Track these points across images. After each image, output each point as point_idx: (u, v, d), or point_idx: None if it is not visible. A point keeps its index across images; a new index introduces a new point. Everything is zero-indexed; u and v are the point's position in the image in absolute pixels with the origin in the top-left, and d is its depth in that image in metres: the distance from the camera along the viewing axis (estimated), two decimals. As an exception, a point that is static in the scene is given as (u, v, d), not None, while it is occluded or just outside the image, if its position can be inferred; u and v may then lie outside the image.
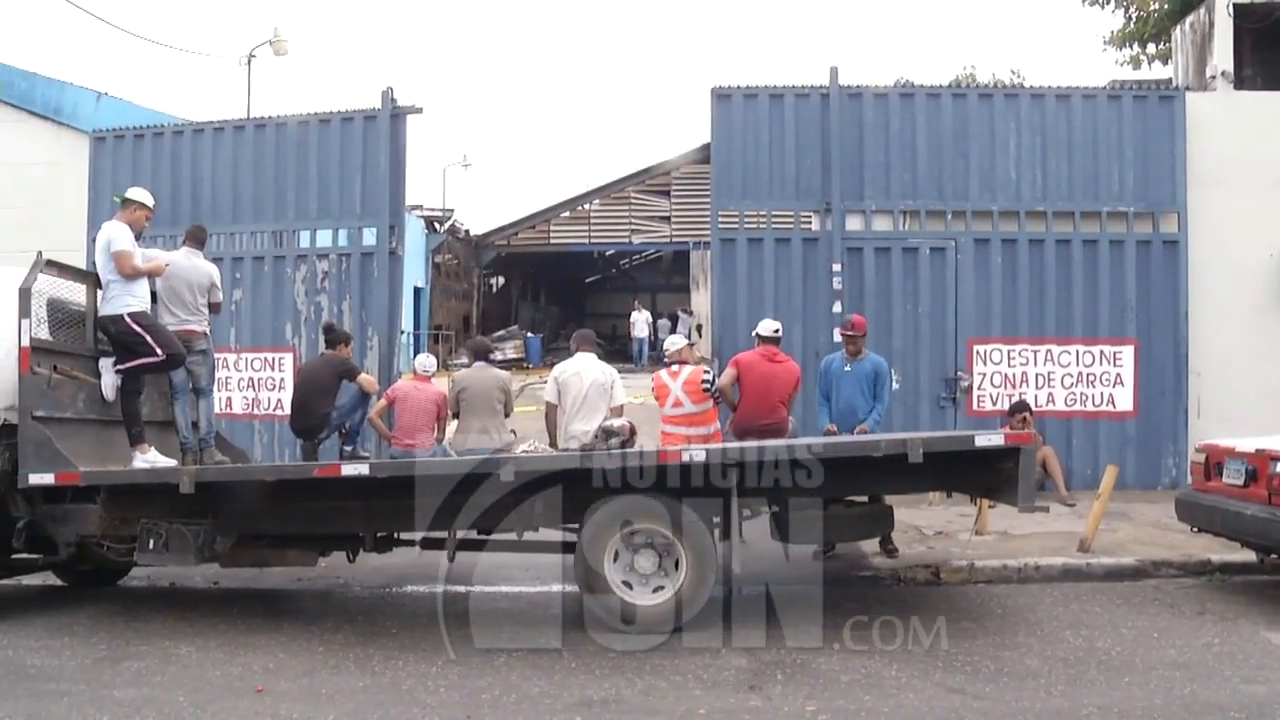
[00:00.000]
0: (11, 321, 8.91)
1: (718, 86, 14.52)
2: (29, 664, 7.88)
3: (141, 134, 16.16)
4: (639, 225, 37.23)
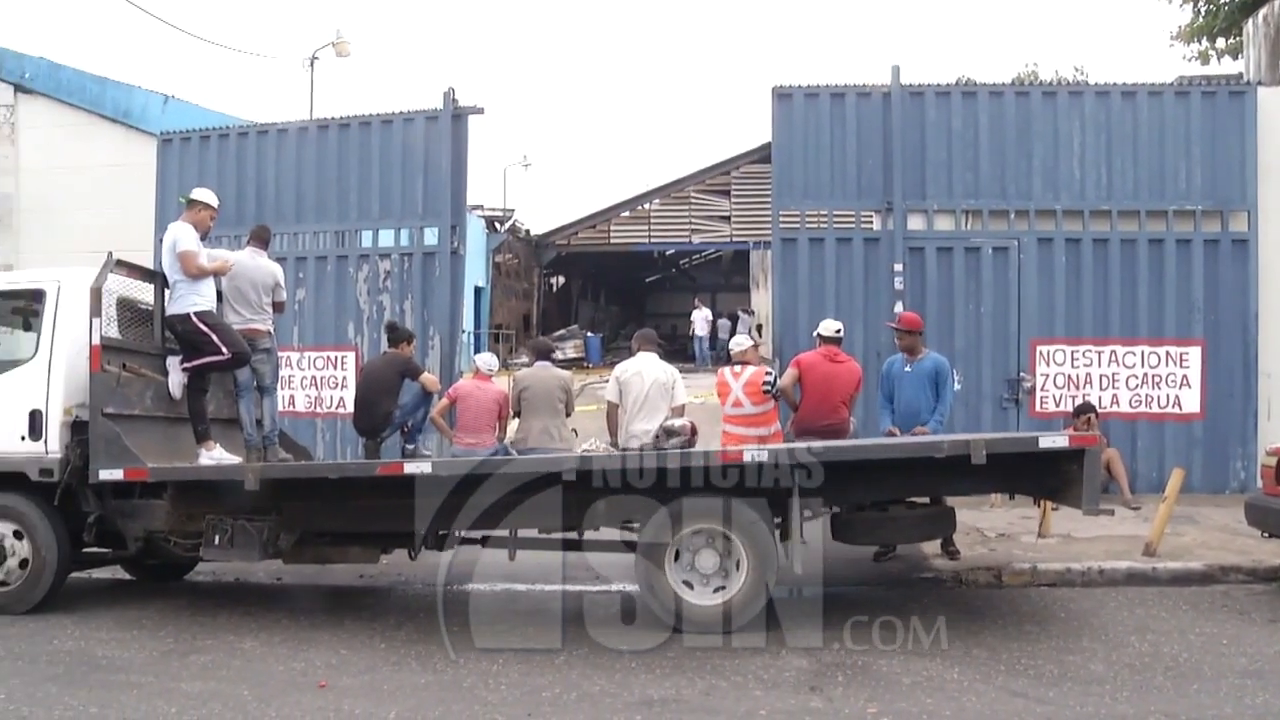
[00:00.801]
0: (83, 320, 9.08)
1: (779, 86, 14.47)
2: (99, 655, 8.03)
3: (207, 136, 16.36)
4: (699, 225, 37.19)
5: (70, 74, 22.04)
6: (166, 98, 21.31)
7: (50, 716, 6.59)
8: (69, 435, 9.30)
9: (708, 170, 37.00)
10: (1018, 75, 34.64)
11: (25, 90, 22.02)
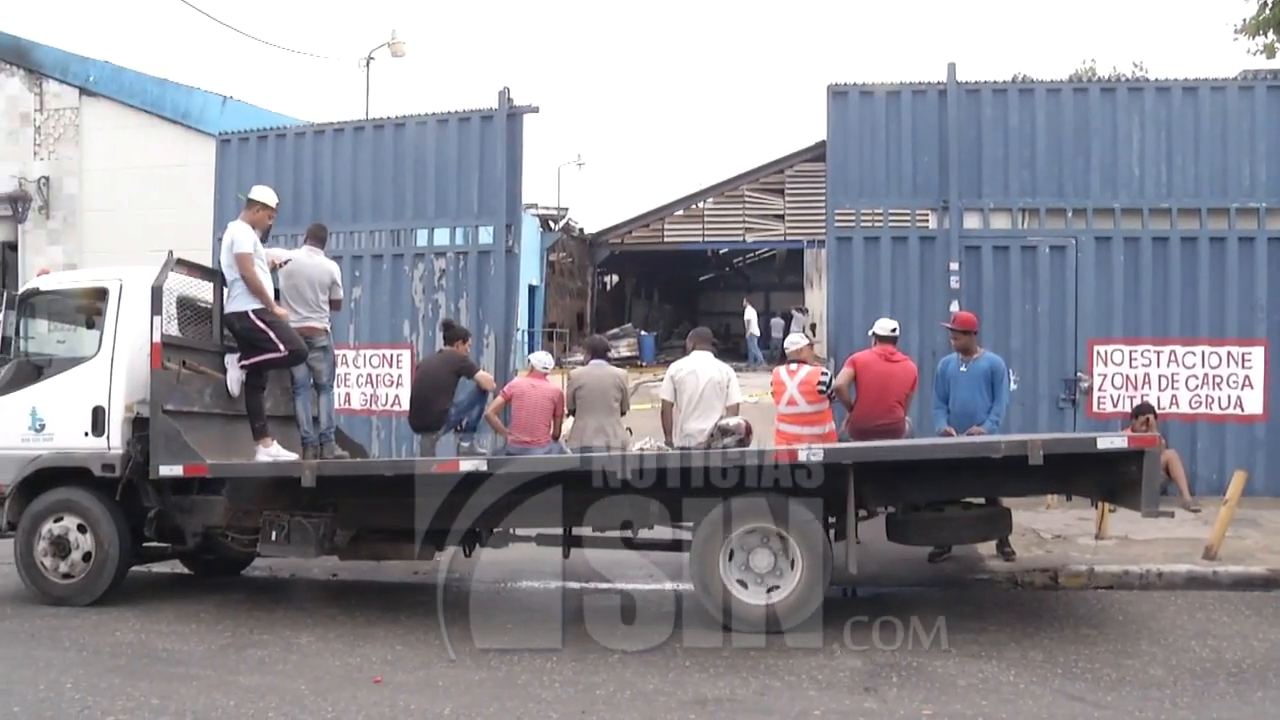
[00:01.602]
0: (144, 318, 9.21)
1: (834, 84, 14.38)
2: (159, 648, 8.15)
3: (265, 136, 16.50)
4: (753, 223, 37.08)
5: (132, 76, 22.42)
6: (225, 99, 21.60)
7: (113, 707, 6.69)
8: (130, 431, 9.47)
9: (762, 169, 36.89)
10: (1075, 72, 34.22)
11: (89, 93, 22.45)
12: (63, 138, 22.71)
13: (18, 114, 23.01)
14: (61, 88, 22.74)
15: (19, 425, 9.73)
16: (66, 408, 9.64)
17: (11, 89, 23.07)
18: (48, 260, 21.37)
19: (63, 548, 9.49)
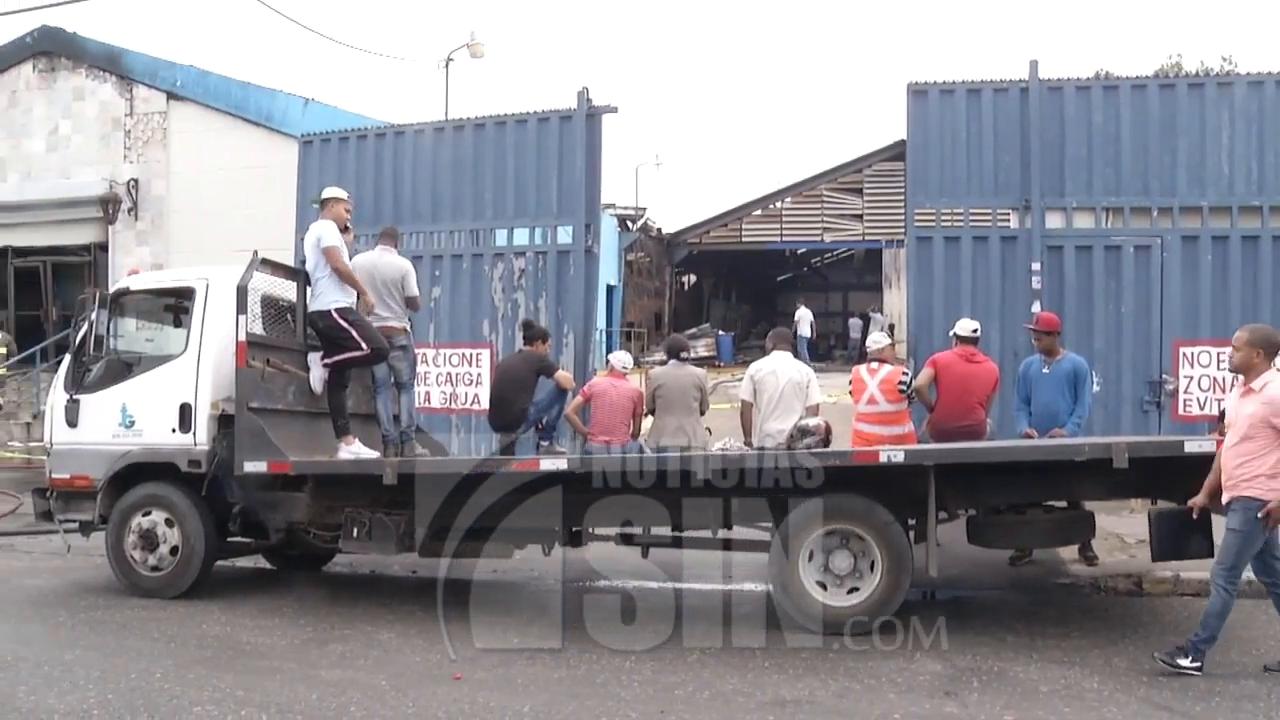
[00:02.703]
0: (229, 317, 9.36)
1: (914, 82, 14.24)
2: (244, 640, 8.30)
3: (346, 137, 16.67)
4: (831, 223, 36.89)
5: (217, 80, 22.74)
6: (306, 101, 21.83)
7: (200, 697, 6.82)
8: (216, 428, 9.64)
9: (840, 168, 36.70)
10: (1161, 67, 33.70)
11: (177, 97, 22.80)
12: (151, 141, 23.09)
13: (109, 119, 23.45)
14: (150, 92, 23.12)
15: (110, 421, 9.94)
16: (155, 405, 9.84)
17: (104, 95, 23.52)
18: (136, 260, 21.73)
19: (151, 541, 9.69)
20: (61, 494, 10.25)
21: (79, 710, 6.64)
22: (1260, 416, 7.08)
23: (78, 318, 10.51)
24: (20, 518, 13.82)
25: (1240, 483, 7.13)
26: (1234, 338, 7.46)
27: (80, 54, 23.77)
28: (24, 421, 21.47)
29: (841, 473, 8.44)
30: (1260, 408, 7.10)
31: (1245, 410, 7.22)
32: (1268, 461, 7.07)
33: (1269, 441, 7.06)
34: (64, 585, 10.48)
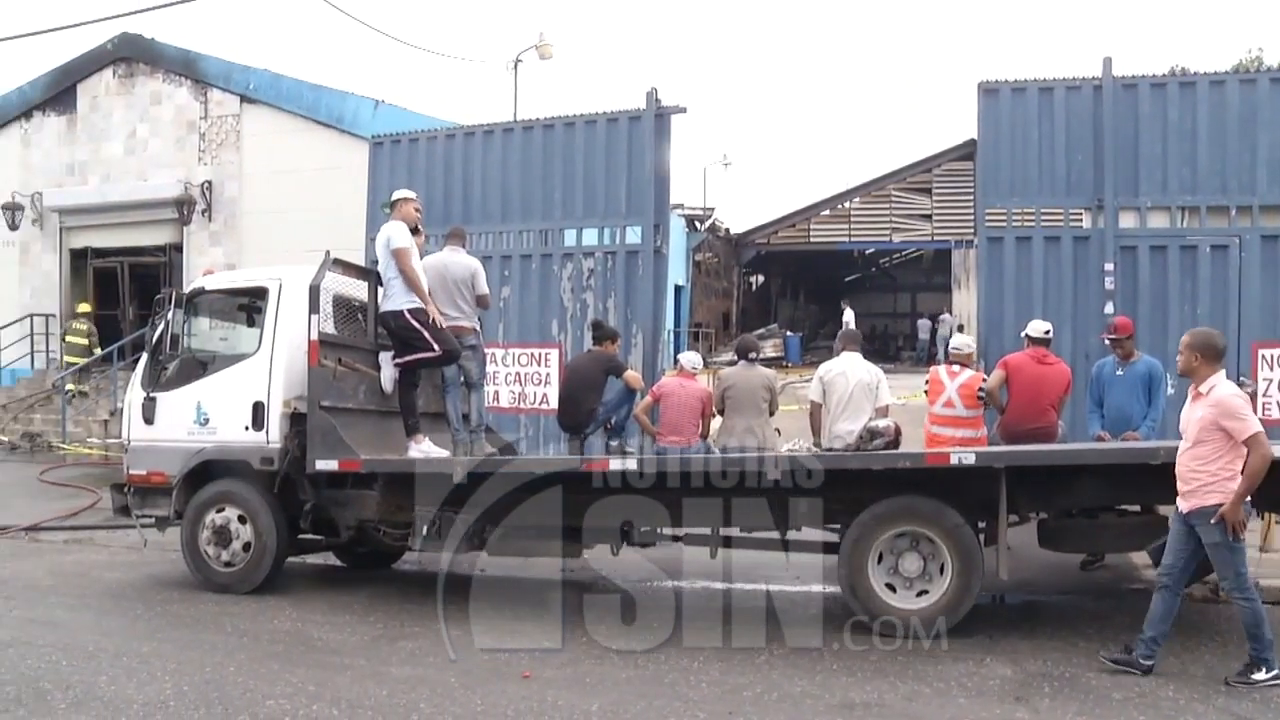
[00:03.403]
0: (302, 317, 9.46)
1: (984, 81, 14.08)
2: (314, 636, 8.39)
3: (416, 138, 16.79)
4: (899, 223, 36.69)
5: (289, 83, 23.03)
6: (377, 103, 22.03)
7: (273, 691, 6.92)
8: (288, 426, 9.75)
9: (909, 168, 36.49)
10: (1239, 62, 33.08)
11: (250, 100, 23.14)
12: (224, 143, 23.44)
13: (184, 122, 23.84)
14: (224, 96, 23.48)
15: (185, 419, 10.10)
16: (228, 403, 9.97)
17: (179, 99, 23.92)
18: (210, 261, 22.07)
19: (224, 537, 9.82)
20: (138, 490, 10.44)
21: (156, 701, 6.77)
22: (1209, 420, 7.04)
23: (154, 317, 10.67)
24: (98, 512, 14.08)
25: (1200, 489, 7.08)
26: (1182, 342, 7.44)
27: (158, 59, 24.22)
28: (101, 418, 21.86)
29: (912, 474, 8.38)
30: (1208, 411, 7.06)
31: (1195, 415, 7.19)
32: (1221, 465, 7.02)
33: (1220, 445, 7.02)
34: (140, 579, 10.65)
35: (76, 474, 17.98)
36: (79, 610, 9.42)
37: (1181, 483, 7.20)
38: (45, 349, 24.89)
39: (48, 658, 7.73)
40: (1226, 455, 7.00)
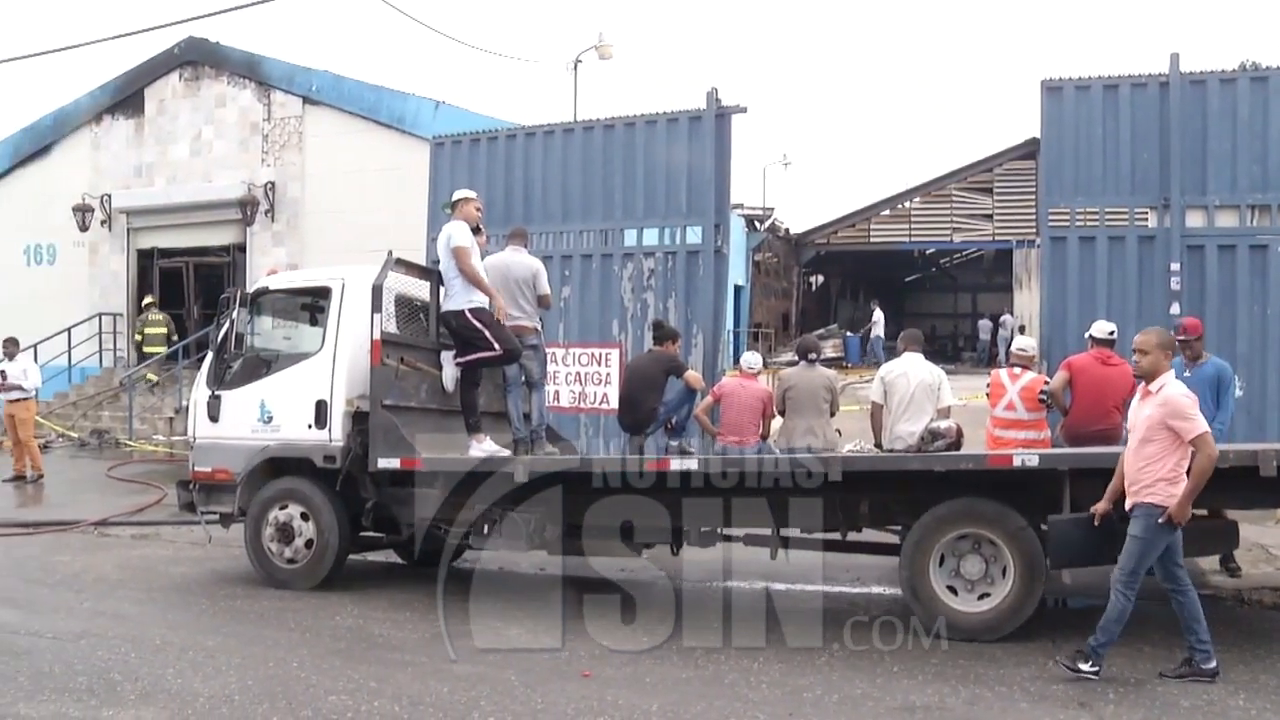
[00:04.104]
0: (365, 316, 9.53)
1: (1048, 79, 13.93)
2: (376, 633, 8.45)
3: (477, 139, 16.88)
4: (960, 223, 36.36)
5: (351, 85, 23.26)
6: (437, 103, 22.18)
7: (335, 687, 6.98)
8: (350, 425, 9.81)
9: (969, 167, 36.15)
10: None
11: (312, 102, 23.40)
12: (287, 144, 23.70)
13: (248, 123, 24.14)
14: (287, 97, 23.75)
15: (249, 417, 10.20)
16: (292, 401, 10.06)
17: (243, 101, 24.23)
18: (273, 261, 22.31)
19: (287, 534, 9.92)
20: (203, 486, 10.56)
21: (222, 694, 6.85)
22: (1158, 419, 7.00)
23: (219, 316, 10.79)
24: (164, 508, 14.29)
25: (1142, 489, 7.03)
26: (1139, 342, 7.33)
27: (222, 62, 24.56)
28: (167, 415, 22.18)
29: (974, 476, 8.31)
30: (1157, 410, 7.01)
31: (1144, 413, 7.14)
32: (1167, 465, 6.98)
33: (1167, 444, 6.97)
34: (205, 574, 10.78)
35: (143, 470, 18.24)
36: (146, 604, 9.57)
37: (1130, 480, 7.16)
38: (113, 347, 25.34)
39: (117, 650, 7.87)
40: (1174, 455, 6.99)
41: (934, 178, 36.97)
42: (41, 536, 13.01)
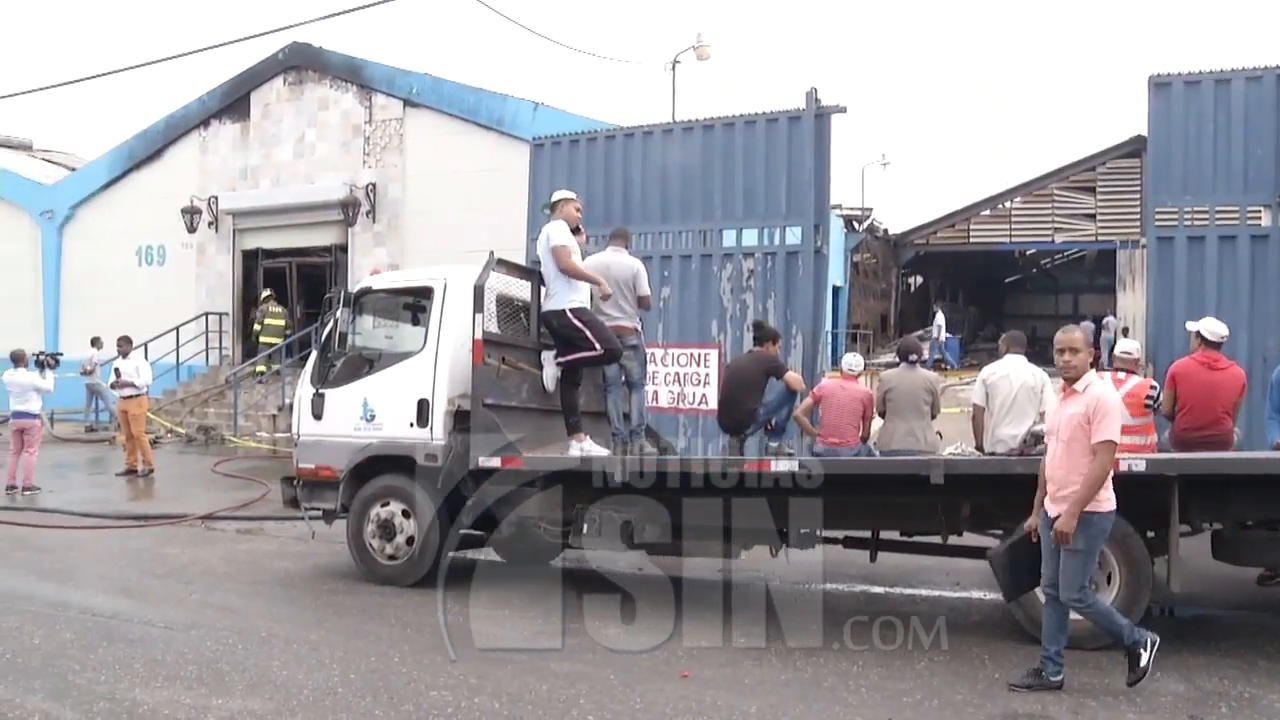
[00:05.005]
0: (467, 316, 9.61)
1: (1155, 75, 13.67)
2: (476, 631, 8.51)
3: (576, 140, 16.97)
4: (1062, 223, 35.79)
5: (450, 87, 23.51)
6: (536, 105, 22.31)
7: (435, 682, 7.07)
8: (452, 423, 9.89)
9: (1072, 166, 35.56)
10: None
11: (412, 104, 23.69)
12: (388, 146, 24.02)
13: (350, 126, 24.52)
14: (388, 100, 24.08)
15: (352, 415, 10.33)
16: (394, 400, 10.17)
17: (345, 104, 24.62)
18: (374, 261, 22.65)
19: (389, 531, 10.04)
20: (307, 483, 10.72)
21: (325, 687, 6.98)
22: (1084, 417, 6.76)
23: (323, 316, 10.96)
24: (268, 503, 14.59)
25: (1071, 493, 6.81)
26: (1066, 341, 7.04)
27: (325, 66, 24.97)
28: (270, 413, 22.59)
29: (1080, 481, 8.14)
30: (1084, 408, 6.79)
31: (1068, 413, 6.90)
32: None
33: (1087, 445, 6.75)
34: (308, 569, 10.97)
35: (247, 466, 18.62)
36: (251, 597, 9.76)
37: (1054, 485, 6.95)
38: (219, 346, 25.89)
39: (225, 641, 8.06)
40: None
41: (1035, 177, 36.45)
42: (152, 529, 13.36)
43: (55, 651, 7.79)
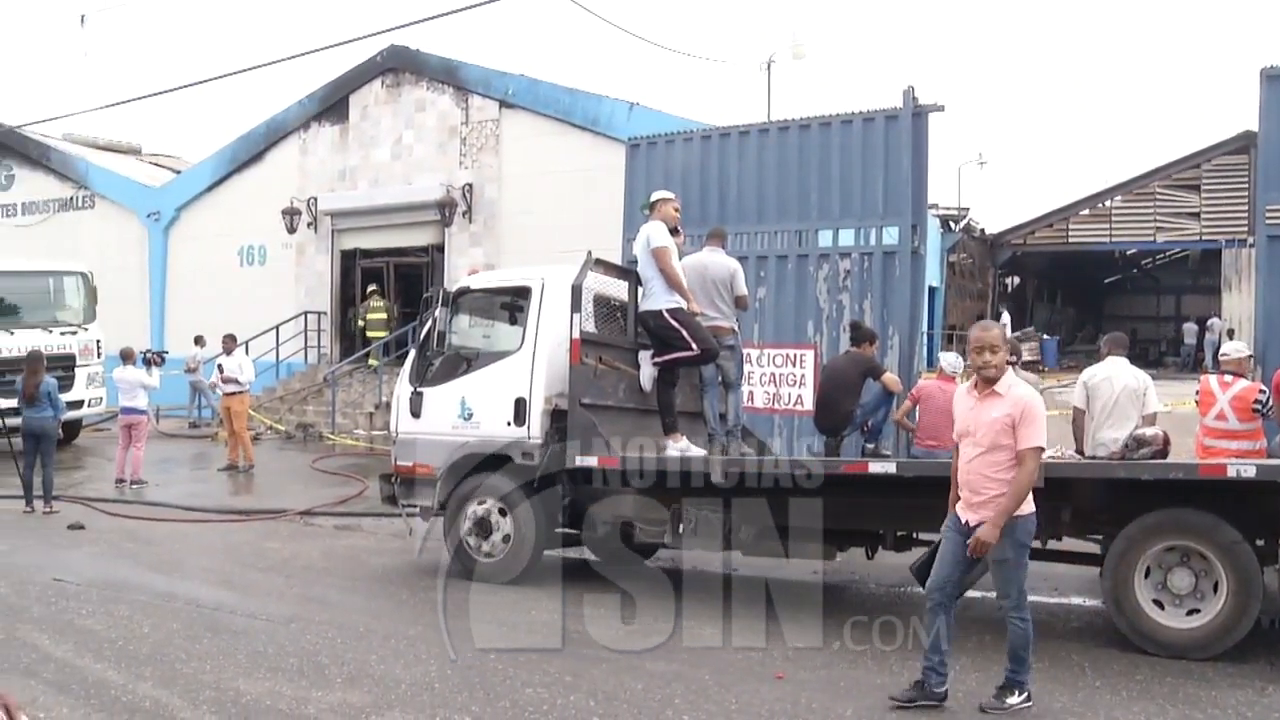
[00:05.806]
0: (564, 316, 9.67)
1: (1268, 67, 13.24)
2: (571, 629, 8.59)
3: (672, 140, 16.95)
4: (1164, 222, 35.02)
5: (546, 88, 23.65)
6: (631, 105, 22.35)
7: (531, 680, 7.13)
8: (549, 423, 9.96)
9: (1175, 164, 34.78)
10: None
11: (508, 105, 23.90)
12: (484, 147, 24.23)
13: (446, 127, 24.78)
14: (484, 101, 24.29)
15: (450, 414, 10.43)
16: (491, 398, 10.25)
17: (442, 105, 24.89)
18: (470, 261, 22.89)
19: (485, 529, 10.13)
20: (404, 480, 10.84)
21: (423, 681, 7.09)
22: (1009, 421, 6.43)
23: (422, 315, 11.08)
24: (365, 500, 14.82)
25: (993, 500, 6.51)
26: (985, 339, 6.59)
27: (422, 69, 25.25)
28: (367, 411, 22.91)
29: (1183, 486, 7.97)
30: (1009, 412, 6.45)
31: (988, 416, 6.53)
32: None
33: (1009, 450, 6.45)
34: (405, 565, 11.12)
35: (344, 463, 18.92)
36: (350, 592, 9.93)
37: (969, 491, 6.63)
38: (318, 344, 26.31)
39: (324, 635, 8.21)
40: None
41: (1136, 175, 35.69)
42: (253, 524, 13.64)
43: (163, 640, 8.03)
